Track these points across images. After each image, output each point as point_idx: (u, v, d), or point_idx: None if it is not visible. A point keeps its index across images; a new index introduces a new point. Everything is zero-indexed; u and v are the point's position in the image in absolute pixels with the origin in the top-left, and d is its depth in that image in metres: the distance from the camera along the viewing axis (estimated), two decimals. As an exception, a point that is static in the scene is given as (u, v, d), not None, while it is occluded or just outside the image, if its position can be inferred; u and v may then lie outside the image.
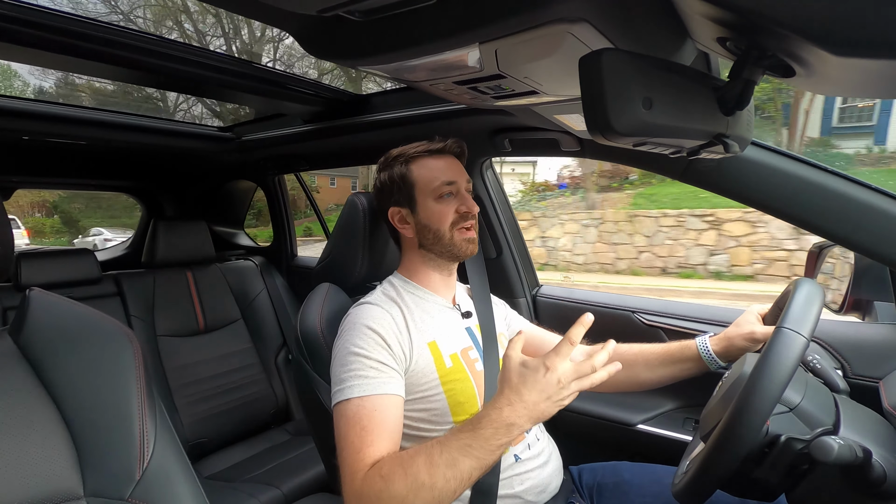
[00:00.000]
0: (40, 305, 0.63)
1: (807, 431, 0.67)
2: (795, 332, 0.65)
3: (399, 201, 0.96)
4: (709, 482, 0.67)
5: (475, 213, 0.96)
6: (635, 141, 0.53)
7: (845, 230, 0.88)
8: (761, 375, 0.63)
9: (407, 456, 0.71)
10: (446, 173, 0.95)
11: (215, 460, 1.71)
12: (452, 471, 0.67)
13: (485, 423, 0.68)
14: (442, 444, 0.70)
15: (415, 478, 0.68)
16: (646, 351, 1.03)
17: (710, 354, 0.96)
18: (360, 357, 0.82)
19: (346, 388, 0.80)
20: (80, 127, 1.55)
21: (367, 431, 0.76)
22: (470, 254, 0.97)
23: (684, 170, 1.03)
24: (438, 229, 0.94)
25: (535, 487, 0.91)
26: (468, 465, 0.68)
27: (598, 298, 1.48)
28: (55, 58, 0.98)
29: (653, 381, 1.02)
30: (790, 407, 0.69)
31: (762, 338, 0.91)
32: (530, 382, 0.69)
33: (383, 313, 0.88)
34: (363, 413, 0.78)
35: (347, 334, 0.86)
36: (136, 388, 0.61)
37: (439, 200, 0.94)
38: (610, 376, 0.72)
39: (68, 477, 0.54)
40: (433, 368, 0.89)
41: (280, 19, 0.75)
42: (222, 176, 2.38)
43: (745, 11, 0.45)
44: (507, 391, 0.70)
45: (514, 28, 0.59)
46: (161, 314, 1.83)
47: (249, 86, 1.28)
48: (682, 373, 0.99)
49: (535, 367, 0.69)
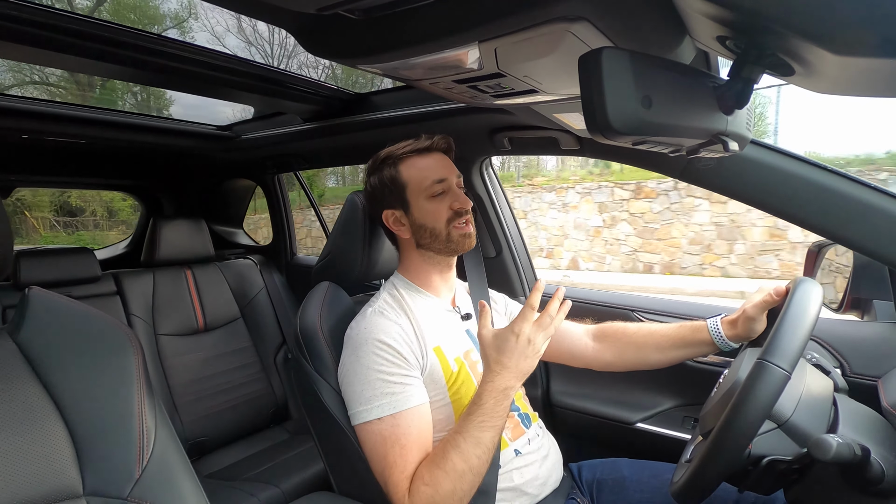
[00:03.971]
0: (40, 304, 0.63)
1: (794, 449, 0.67)
2: (776, 365, 0.65)
3: (392, 203, 0.97)
4: (707, 482, 0.68)
5: (468, 208, 0.96)
6: (635, 140, 0.53)
7: (844, 229, 0.88)
8: (738, 410, 0.64)
9: (439, 457, 0.78)
10: (436, 171, 0.95)
11: (215, 459, 1.71)
12: (480, 448, 0.76)
13: (485, 398, 0.78)
14: (460, 432, 0.78)
15: (454, 471, 0.75)
16: (656, 333, 1.04)
17: (722, 338, 0.96)
18: (381, 374, 0.84)
19: (374, 407, 0.83)
20: (80, 126, 1.54)
21: (406, 450, 0.80)
22: (469, 247, 0.97)
23: (684, 168, 1.04)
24: (434, 227, 0.94)
25: (535, 480, 0.92)
26: (489, 436, 0.77)
27: (598, 297, 1.48)
28: (55, 57, 0.97)
29: (662, 363, 1.03)
30: (780, 423, 0.69)
31: (753, 314, 0.91)
32: (506, 350, 0.78)
33: (392, 325, 0.88)
34: (399, 432, 0.81)
35: (361, 350, 0.86)
36: (136, 386, 0.62)
37: (432, 199, 0.94)
38: (565, 315, 0.82)
39: (68, 475, 0.54)
40: (441, 375, 0.90)
41: (279, 18, 0.75)
42: (221, 174, 2.38)
43: (744, 10, 0.45)
44: (492, 363, 0.79)
45: (514, 27, 0.59)
46: (161, 313, 1.83)
47: (248, 84, 1.27)
48: (693, 354, 1.00)
49: (506, 337, 0.78)
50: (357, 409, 0.84)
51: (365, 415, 0.83)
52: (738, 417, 0.64)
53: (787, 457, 0.66)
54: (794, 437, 0.68)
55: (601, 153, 1.25)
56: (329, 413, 0.90)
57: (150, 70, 1.10)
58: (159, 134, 1.74)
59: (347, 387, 0.87)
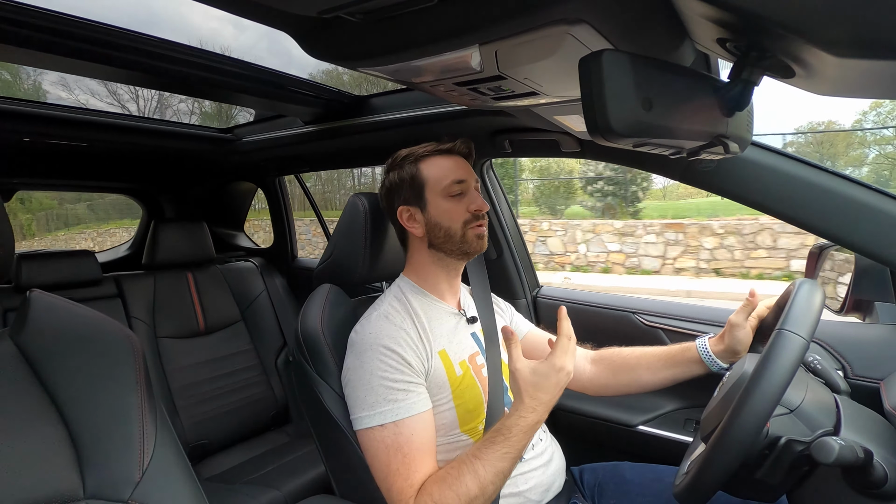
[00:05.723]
0: (41, 307, 0.63)
1: (807, 433, 0.67)
2: (795, 333, 0.65)
3: (408, 200, 0.96)
4: (709, 483, 0.67)
5: (485, 211, 0.96)
6: (635, 142, 0.53)
7: (845, 231, 0.88)
8: (761, 377, 0.63)
9: (451, 477, 0.76)
10: (456, 172, 0.95)
11: (215, 462, 1.71)
12: (499, 476, 0.75)
13: (515, 432, 0.75)
14: (480, 458, 0.76)
15: (466, 495, 0.74)
16: (647, 354, 1.04)
17: (709, 356, 0.96)
18: (385, 380, 0.83)
19: (376, 413, 0.82)
20: (81, 129, 1.55)
21: (409, 458, 0.79)
22: (481, 249, 0.97)
23: (684, 171, 1.03)
24: (450, 227, 0.94)
25: (539, 486, 0.92)
26: (510, 466, 0.76)
27: (599, 299, 1.48)
28: (55, 59, 0.98)
29: (655, 384, 1.02)
30: (791, 409, 0.69)
31: (736, 320, 0.93)
32: (547, 387, 0.75)
33: (396, 329, 0.88)
34: (402, 440, 0.80)
35: (366, 356, 0.86)
36: (137, 389, 0.61)
37: (450, 199, 0.94)
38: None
39: (68, 478, 0.54)
40: (445, 379, 0.90)
41: (280, 20, 0.75)
42: (222, 177, 2.39)
43: (744, 12, 0.45)
44: (528, 400, 0.76)
45: (515, 29, 0.59)
46: (161, 316, 1.83)
47: (250, 87, 1.28)
48: (683, 374, 1.00)
49: (546, 373, 0.75)
50: (359, 414, 0.84)
51: (367, 421, 0.82)
52: (759, 386, 0.63)
53: (804, 438, 0.66)
54: (806, 422, 0.68)
55: (602, 155, 1.25)
56: (331, 416, 0.90)
57: (151, 73, 1.11)
58: (161, 137, 1.74)
59: (350, 391, 0.86)
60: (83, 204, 16.50)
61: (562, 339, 0.76)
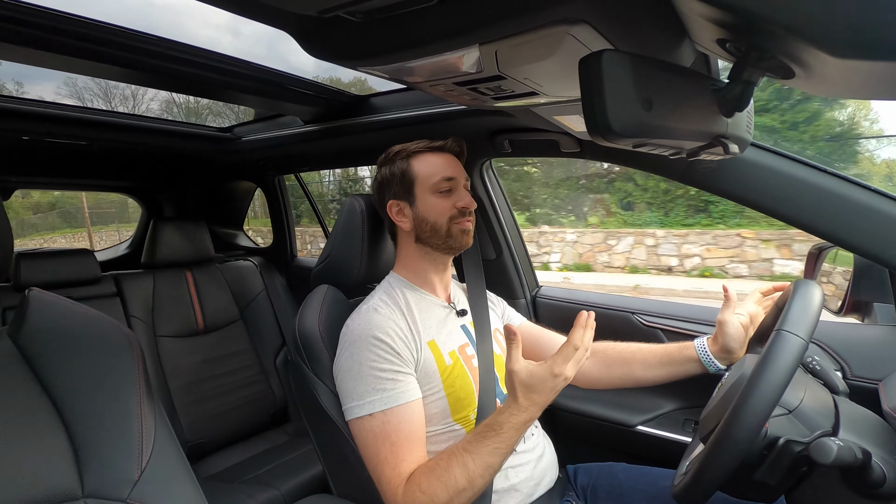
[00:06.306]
0: (40, 306, 0.63)
1: (806, 434, 0.67)
2: (794, 334, 0.65)
3: (398, 194, 0.98)
4: (708, 483, 0.67)
5: (472, 209, 0.98)
6: (635, 142, 0.53)
7: (844, 232, 0.88)
8: (760, 378, 0.63)
9: (440, 468, 0.77)
10: (446, 169, 0.97)
11: (214, 461, 1.71)
12: (488, 471, 0.76)
13: (507, 428, 0.76)
14: (470, 452, 0.77)
15: (455, 487, 0.75)
16: (644, 350, 1.04)
17: (707, 356, 0.96)
18: (374, 370, 0.84)
19: (365, 403, 0.83)
20: (80, 127, 1.54)
21: (397, 447, 0.80)
22: (466, 245, 0.98)
23: (684, 171, 1.04)
24: (436, 222, 0.95)
25: (530, 480, 0.93)
26: (499, 461, 0.77)
27: (598, 299, 1.48)
28: (55, 58, 0.97)
29: (649, 380, 1.02)
30: (789, 409, 0.69)
31: (722, 318, 0.94)
32: (542, 390, 0.75)
33: (386, 320, 0.89)
34: (390, 428, 0.81)
35: (356, 347, 0.87)
36: (136, 388, 0.61)
37: (438, 195, 0.96)
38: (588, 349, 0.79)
39: (67, 477, 0.54)
40: (435, 368, 0.91)
41: (280, 20, 0.75)
42: (222, 176, 2.38)
43: (744, 13, 0.45)
44: (522, 399, 0.76)
45: (514, 29, 0.59)
46: (161, 315, 1.83)
47: (249, 86, 1.27)
48: (679, 373, 1.00)
49: (543, 377, 0.75)
50: (349, 404, 0.85)
51: (357, 410, 0.84)
52: (758, 387, 0.63)
53: (803, 439, 0.66)
54: (804, 423, 0.68)
55: (601, 155, 1.25)
56: (327, 416, 0.90)
57: (151, 72, 1.10)
58: (160, 136, 1.74)
59: (341, 383, 0.88)
60: (56, 212, 17.07)
61: (567, 347, 0.75)
